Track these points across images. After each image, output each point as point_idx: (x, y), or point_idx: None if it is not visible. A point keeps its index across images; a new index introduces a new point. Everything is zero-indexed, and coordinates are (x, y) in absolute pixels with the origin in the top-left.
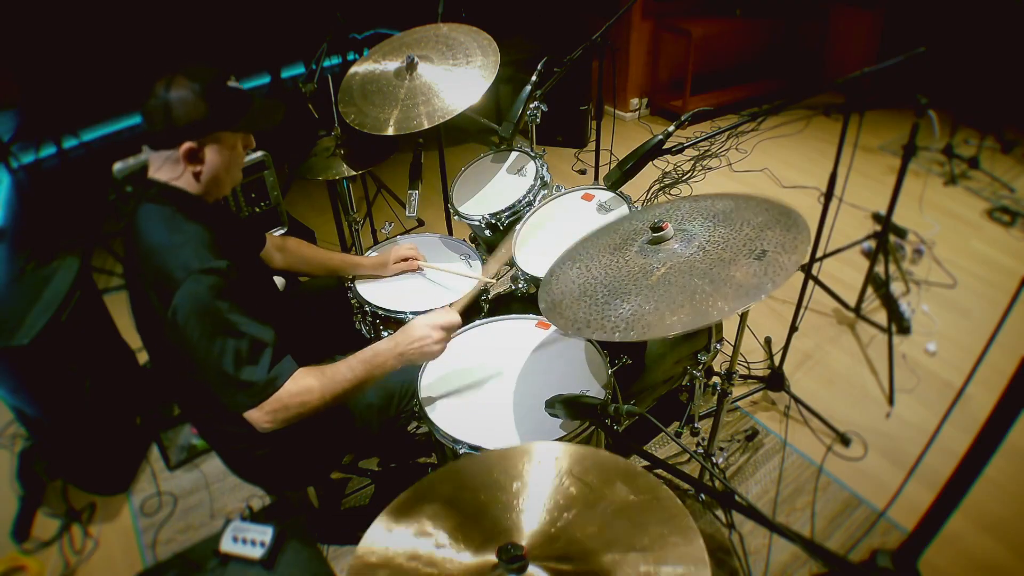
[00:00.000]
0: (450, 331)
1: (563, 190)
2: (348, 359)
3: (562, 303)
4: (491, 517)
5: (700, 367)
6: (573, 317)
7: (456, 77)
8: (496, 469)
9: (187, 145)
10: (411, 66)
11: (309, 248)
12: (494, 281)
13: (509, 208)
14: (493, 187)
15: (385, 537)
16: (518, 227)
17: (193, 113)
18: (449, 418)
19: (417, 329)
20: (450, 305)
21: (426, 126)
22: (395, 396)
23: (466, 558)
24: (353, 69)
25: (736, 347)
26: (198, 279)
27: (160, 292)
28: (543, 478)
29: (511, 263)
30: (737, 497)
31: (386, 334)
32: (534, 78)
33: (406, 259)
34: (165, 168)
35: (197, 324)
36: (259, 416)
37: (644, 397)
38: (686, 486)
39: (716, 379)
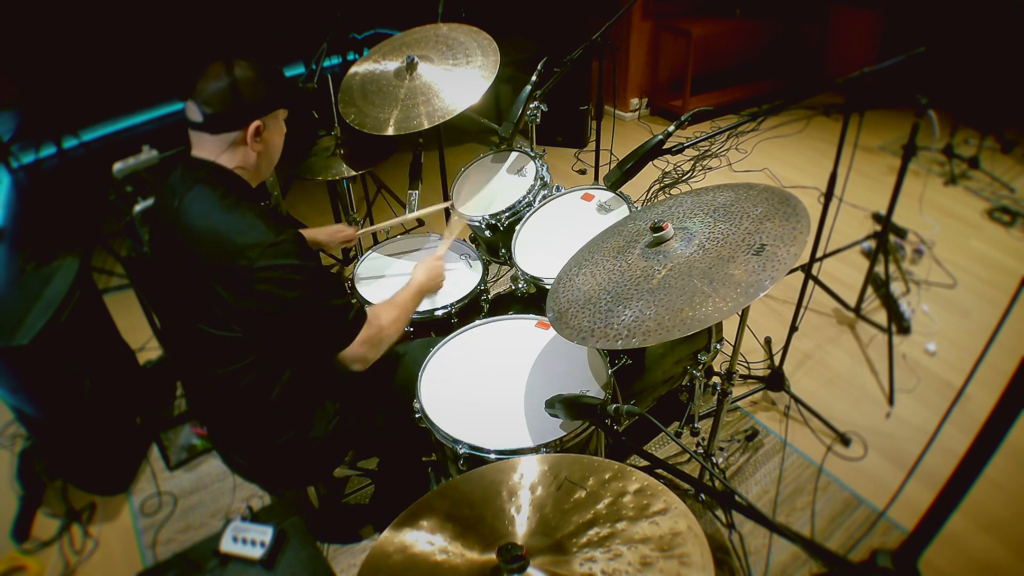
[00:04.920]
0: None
1: (563, 190)
2: (404, 296)
3: (568, 312)
4: (489, 525)
5: (700, 367)
6: (578, 326)
7: (456, 77)
8: (491, 481)
9: (256, 123)
10: (411, 66)
11: None
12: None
13: (509, 208)
14: (493, 187)
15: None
16: (518, 227)
17: (259, 92)
18: (449, 418)
19: (436, 268)
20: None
21: (426, 126)
22: (396, 394)
23: (467, 563)
24: (353, 69)
25: (736, 347)
26: (276, 249)
27: (230, 270)
28: (537, 485)
29: (510, 263)
30: (737, 497)
31: None
32: (534, 78)
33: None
34: (226, 155)
35: (291, 284)
36: (358, 349)
37: (644, 397)
38: (686, 486)
39: (716, 379)
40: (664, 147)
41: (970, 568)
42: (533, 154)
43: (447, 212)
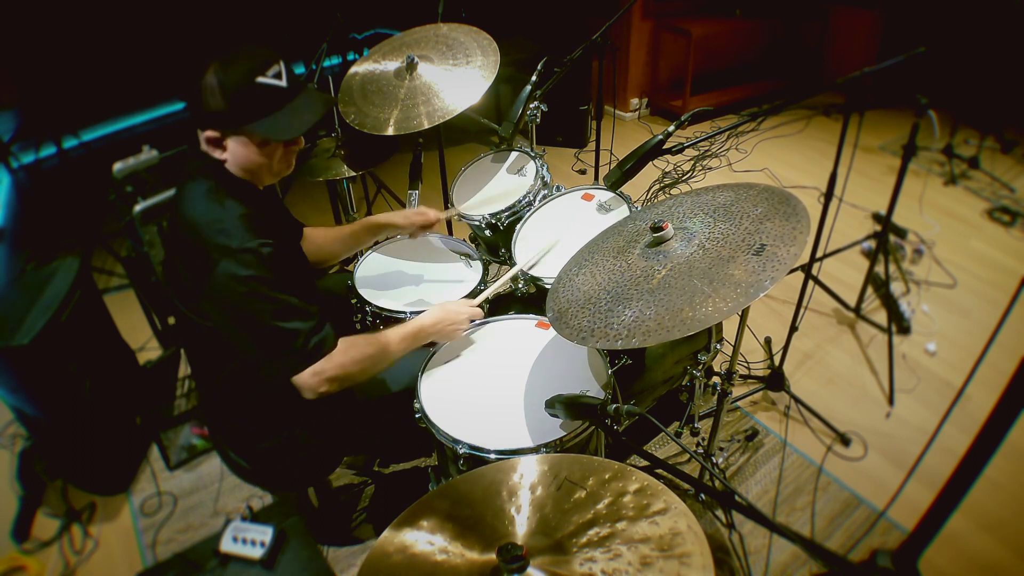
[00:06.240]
0: (472, 322)
1: (563, 190)
2: (395, 333)
3: (568, 312)
4: (489, 525)
5: (700, 367)
6: (578, 326)
7: (456, 77)
8: (491, 481)
9: (208, 133)
10: (411, 66)
11: (322, 233)
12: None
13: (509, 208)
14: (493, 187)
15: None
16: (518, 227)
17: (214, 104)
18: (449, 418)
19: (454, 314)
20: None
21: (426, 126)
22: (395, 396)
23: (467, 563)
24: (353, 69)
25: (736, 347)
26: (237, 258)
27: (196, 266)
28: (537, 485)
29: (510, 263)
30: (737, 497)
31: None
32: (534, 78)
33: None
34: (204, 144)
35: (241, 300)
36: (310, 380)
37: (644, 397)
38: (686, 486)
39: (716, 379)
40: (664, 147)
41: (970, 568)
42: (533, 154)
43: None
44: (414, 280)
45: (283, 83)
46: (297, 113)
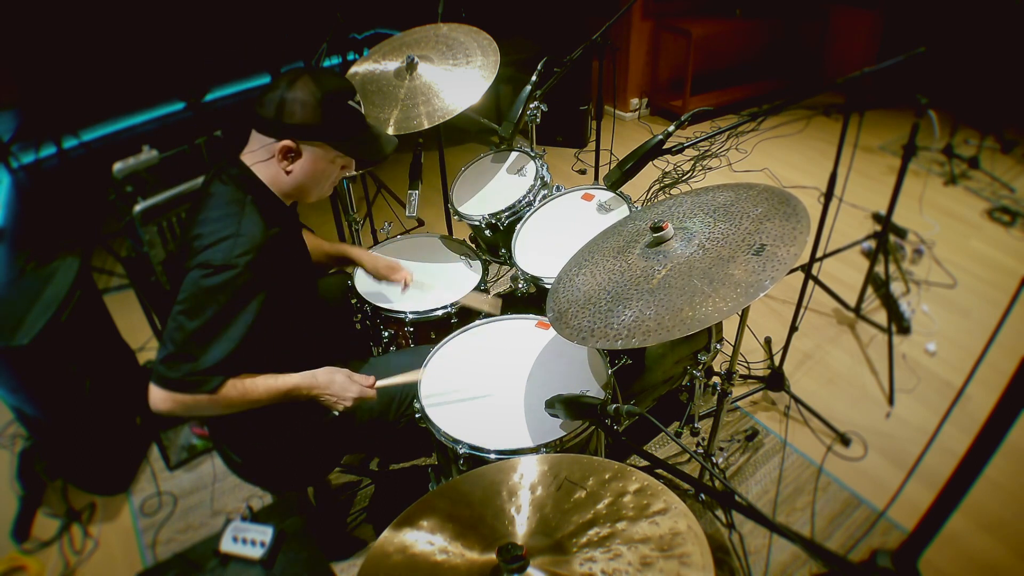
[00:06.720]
0: (359, 402)
1: (563, 190)
2: (270, 383)
3: (568, 312)
4: (489, 525)
5: (700, 367)
6: (578, 326)
7: (456, 77)
8: (491, 481)
9: (286, 142)
10: (411, 66)
11: (309, 239)
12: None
13: (509, 208)
14: (493, 187)
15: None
16: (518, 227)
17: (305, 116)
18: (449, 418)
19: (338, 385)
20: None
21: (426, 126)
22: (395, 400)
23: (467, 563)
24: (353, 69)
25: (736, 347)
26: (216, 268)
27: (187, 258)
28: (537, 485)
29: (510, 263)
30: (737, 497)
31: (386, 334)
32: (534, 78)
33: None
34: (259, 153)
35: (190, 295)
36: (166, 398)
37: (644, 397)
38: (686, 486)
39: (716, 379)
40: (664, 147)
41: (970, 568)
42: (533, 154)
43: (447, 213)
44: (414, 280)
45: (363, 111)
46: (379, 140)
